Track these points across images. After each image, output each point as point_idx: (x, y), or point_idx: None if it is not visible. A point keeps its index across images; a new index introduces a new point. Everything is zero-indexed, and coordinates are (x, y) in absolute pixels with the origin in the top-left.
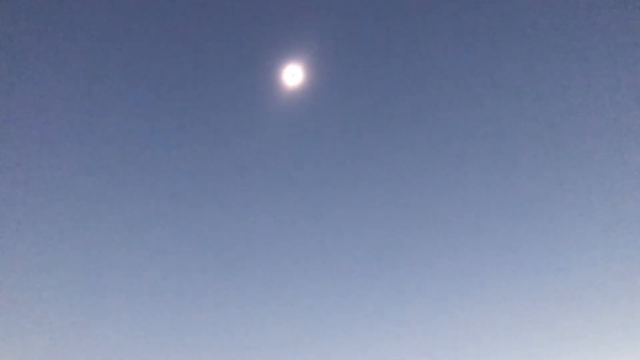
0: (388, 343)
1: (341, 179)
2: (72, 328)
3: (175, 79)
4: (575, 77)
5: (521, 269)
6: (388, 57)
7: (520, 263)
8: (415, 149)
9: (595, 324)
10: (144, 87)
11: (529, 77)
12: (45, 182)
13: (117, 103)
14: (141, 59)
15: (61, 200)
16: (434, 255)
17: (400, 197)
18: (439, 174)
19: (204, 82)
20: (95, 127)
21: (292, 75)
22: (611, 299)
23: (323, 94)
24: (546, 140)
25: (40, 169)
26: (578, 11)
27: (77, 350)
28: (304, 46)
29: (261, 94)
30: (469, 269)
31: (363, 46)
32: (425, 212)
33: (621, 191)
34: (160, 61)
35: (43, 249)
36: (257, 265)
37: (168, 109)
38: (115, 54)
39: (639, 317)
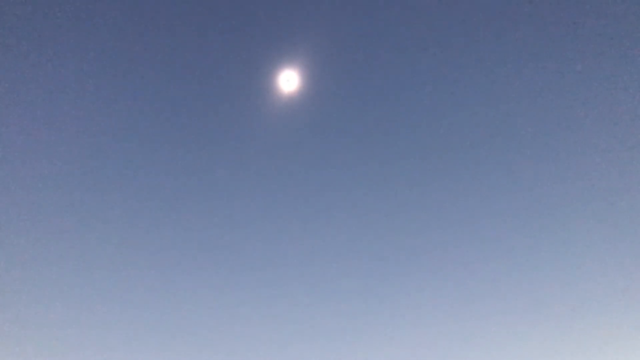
0: (388, 343)
1: (339, 182)
2: (71, 328)
3: (169, 84)
4: (577, 77)
5: (522, 270)
6: (386, 62)
7: (521, 264)
8: (414, 152)
9: (596, 324)
10: (137, 91)
11: (528, 77)
12: (42, 182)
13: (111, 106)
14: (135, 63)
15: (58, 200)
16: (434, 257)
17: (400, 200)
18: (439, 178)
19: (198, 86)
20: (88, 128)
21: (288, 80)
22: (612, 299)
23: (319, 99)
24: (546, 141)
25: (37, 169)
26: (579, 11)
27: (77, 350)
28: (300, 51)
29: (256, 100)
30: (469, 270)
31: (360, 51)
32: (424, 214)
33: (622, 191)
34: (154, 66)
35: (42, 248)
36: (255, 267)
37: (162, 115)
38: (110, 57)
39: (639, 317)
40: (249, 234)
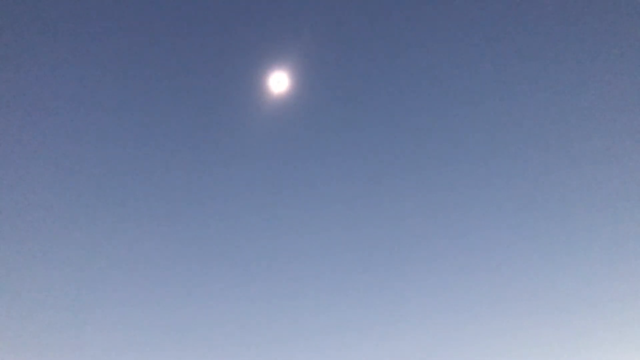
0: (388, 343)
1: (330, 183)
2: (72, 328)
3: (160, 86)
4: (576, 76)
5: (521, 269)
6: (377, 62)
7: (521, 264)
8: (406, 152)
9: (596, 324)
10: (128, 93)
11: (526, 76)
12: (42, 182)
13: (102, 106)
14: (125, 65)
15: (56, 201)
16: (432, 257)
17: (394, 200)
18: (434, 178)
19: (189, 88)
20: (83, 128)
21: (278, 82)
22: (611, 299)
23: (309, 100)
24: (545, 141)
25: (36, 169)
26: (579, 11)
27: (77, 350)
28: (290, 52)
29: (247, 101)
30: (468, 269)
31: (350, 51)
32: (421, 215)
33: (622, 191)
34: (144, 69)
35: (42, 248)
36: (250, 267)
37: (152, 116)
38: (103, 59)
39: (638, 317)
40: (241, 233)
